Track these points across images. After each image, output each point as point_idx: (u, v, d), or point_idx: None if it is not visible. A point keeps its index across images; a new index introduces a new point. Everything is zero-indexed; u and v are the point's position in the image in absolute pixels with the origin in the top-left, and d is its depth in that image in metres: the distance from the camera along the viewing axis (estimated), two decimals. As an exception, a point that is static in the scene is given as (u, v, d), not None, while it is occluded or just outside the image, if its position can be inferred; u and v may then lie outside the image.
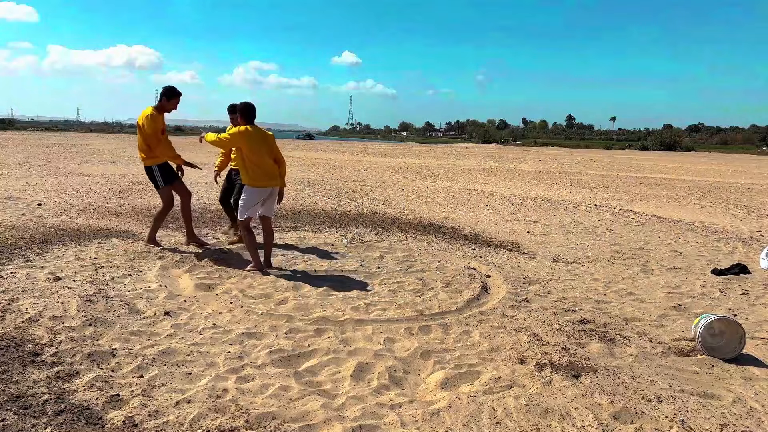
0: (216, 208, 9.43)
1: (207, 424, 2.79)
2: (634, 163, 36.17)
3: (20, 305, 4.25)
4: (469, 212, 10.93)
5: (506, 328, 4.32)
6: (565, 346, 3.99)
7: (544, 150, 64.78)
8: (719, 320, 4.05)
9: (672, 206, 12.97)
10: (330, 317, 4.40)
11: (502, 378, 3.45)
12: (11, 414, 2.77)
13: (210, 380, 3.27)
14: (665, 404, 3.18)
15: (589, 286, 5.72)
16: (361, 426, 2.85)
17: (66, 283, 4.87)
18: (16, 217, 8.00)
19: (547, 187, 16.77)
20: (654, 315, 4.86)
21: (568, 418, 3.00)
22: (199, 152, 24.12)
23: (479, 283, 5.55)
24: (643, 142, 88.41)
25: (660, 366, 3.75)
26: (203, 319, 4.27)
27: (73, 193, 10.98)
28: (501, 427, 2.90)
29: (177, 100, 6.23)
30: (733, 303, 5.31)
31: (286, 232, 7.92)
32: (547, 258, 7.00)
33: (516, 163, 30.63)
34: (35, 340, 3.65)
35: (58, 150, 25.77)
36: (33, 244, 6.28)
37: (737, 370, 3.72)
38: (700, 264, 6.96)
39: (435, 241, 7.79)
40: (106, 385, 3.12)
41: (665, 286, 5.87)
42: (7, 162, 17.75)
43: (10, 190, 10.85)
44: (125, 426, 2.74)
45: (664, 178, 22.71)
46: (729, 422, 3.03)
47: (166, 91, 6.23)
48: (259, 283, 5.30)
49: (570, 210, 11.73)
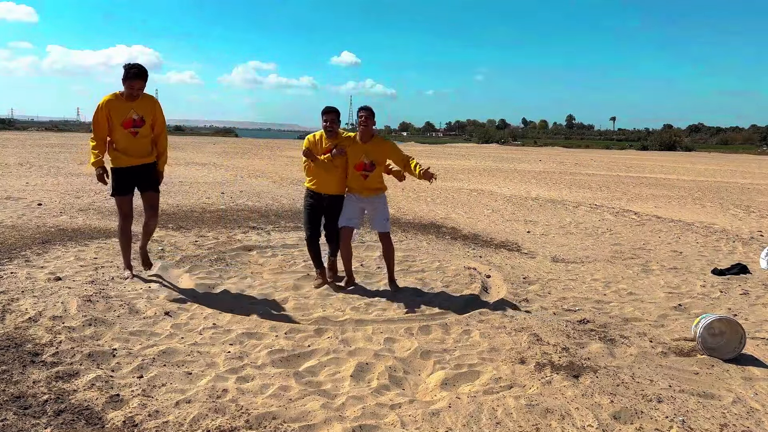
0: (215, 209, 9.42)
1: (207, 424, 2.79)
2: (635, 163, 36.17)
3: (20, 305, 4.25)
4: (469, 212, 10.93)
5: (506, 328, 4.32)
6: (565, 346, 3.99)
7: (544, 150, 64.79)
8: (719, 320, 4.05)
9: (672, 206, 12.97)
10: (330, 317, 4.41)
11: (502, 378, 3.45)
12: (11, 414, 2.76)
13: (210, 380, 3.27)
14: (665, 404, 3.18)
15: (589, 286, 5.72)
16: (361, 426, 2.85)
17: (66, 283, 4.87)
18: (16, 217, 8.00)
19: (547, 187, 16.77)
20: (654, 315, 4.86)
21: (568, 418, 3.00)
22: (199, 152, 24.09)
23: (479, 283, 5.55)
24: (643, 142, 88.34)
25: (660, 366, 3.75)
26: (203, 319, 4.26)
27: (73, 193, 10.98)
28: (501, 427, 2.90)
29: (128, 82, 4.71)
30: (733, 303, 5.31)
31: (287, 232, 7.92)
32: (547, 258, 7.00)
33: (516, 163, 30.63)
34: (35, 340, 3.65)
35: (58, 150, 25.77)
36: (33, 244, 6.27)
37: (737, 370, 3.72)
38: (700, 264, 6.96)
39: (435, 241, 7.79)
40: (106, 385, 3.12)
41: (665, 286, 5.87)
42: (7, 162, 17.74)
43: (10, 190, 10.85)
44: (125, 426, 2.74)
45: (664, 178, 22.71)
46: (729, 422, 3.03)
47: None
48: (259, 284, 5.30)
49: (570, 210, 11.73)
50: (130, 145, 4.90)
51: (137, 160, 4.97)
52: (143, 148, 5.00)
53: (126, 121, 4.82)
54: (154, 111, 4.97)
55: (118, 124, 4.81)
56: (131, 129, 4.85)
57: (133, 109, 4.81)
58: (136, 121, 4.86)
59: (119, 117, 4.80)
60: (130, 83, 4.71)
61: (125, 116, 4.80)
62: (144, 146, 5.00)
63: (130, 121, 4.84)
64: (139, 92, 4.79)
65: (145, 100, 4.89)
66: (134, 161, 4.96)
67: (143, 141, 4.97)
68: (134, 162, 4.96)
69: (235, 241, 7.06)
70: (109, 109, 4.77)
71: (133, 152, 4.93)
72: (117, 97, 4.81)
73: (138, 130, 4.88)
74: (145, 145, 5.01)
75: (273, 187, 13.84)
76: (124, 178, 4.97)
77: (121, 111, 4.79)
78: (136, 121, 4.86)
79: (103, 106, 4.78)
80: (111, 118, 4.79)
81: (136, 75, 4.70)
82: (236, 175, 16.18)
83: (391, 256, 5.26)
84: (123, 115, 4.79)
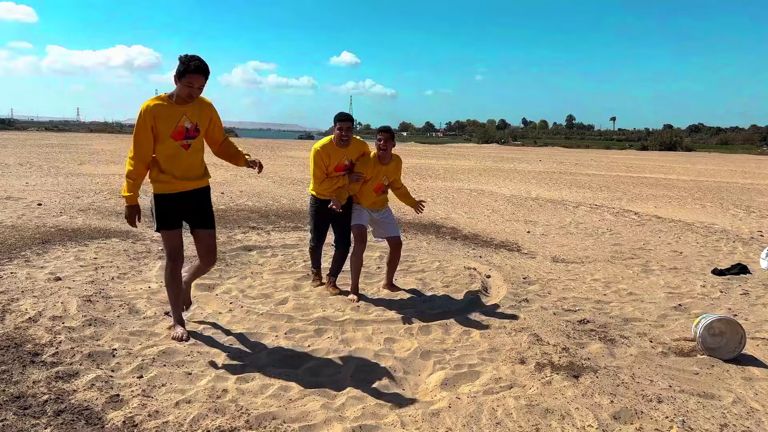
0: (214, 209, 9.38)
1: (207, 425, 2.79)
2: (635, 163, 36.18)
3: (20, 305, 4.25)
4: (469, 212, 10.93)
5: (506, 328, 4.32)
6: (565, 346, 3.99)
7: (545, 150, 64.79)
8: (719, 320, 4.05)
9: (672, 206, 12.96)
10: (330, 317, 4.40)
11: (502, 378, 3.45)
12: (11, 414, 2.76)
13: (210, 380, 3.27)
14: (665, 404, 3.18)
15: (589, 286, 5.72)
16: (361, 426, 2.85)
17: (66, 283, 4.87)
18: (16, 217, 8.00)
19: (547, 187, 16.77)
20: (654, 315, 4.86)
21: (568, 418, 3.00)
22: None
23: (479, 283, 5.55)
24: (644, 142, 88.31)
25: (660, 366, 3.75)
26: (203, 319, 4.26)
27: (73, 193, 10.99)
28: (501, 427, 2.90)
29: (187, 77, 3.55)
30: (734, 303, 5.31)
31: (287, 232, 7.92)
32: (547, 258, 7.00)
33: (516, 163, 30.63)
34: (35, 340, 3.65)
35: (58, 150, 25.78)
36: (33, 244, 6.28)
37: (737, 371, 3.71)
38: (701, 264, 6.96)
39: (435, 241, 7.79)
40: (106, 386, 3.12)
41: (665, 286, 5.87)
42: (7, 162, 17.75)
43: (10, 190, 10.85)
44: (125, 426, 2.74)
45: (664, 178, 22.71)
46: (729, 422, 3.03)
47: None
48: (259, 284, 5.30)
49: (570, 210, 11.73)
50: (181, 162, 3.69)
51: (190, 184, 3.77)
52: (197, 168, 3.81)
53: (177, 130, 3.61)
54: (211, 115, 3.80)
55: (167, 134, 3.59)
56: (183, 141, 3.65)
57: (185, 115, 3.62)
58: (189, 130, 3.65)
59: (168, 126, 3.59)
60: (190, 79, 3.51)
61: (176, 124, 3.60)
62: (197, 164, 3.81)
63: (181, 131, 3.62)
64: (199, 92, 3.63)
65: (197, 104, 3.70)
66: (186, 185, 3.75)
67: (196, 157, 3.78)
68: (186, 186, 3.75)
69: (235, 241, 7.06)
70: (155, 116, 3.56)
71: (184, 172, 3.72)
72: (163, 100, 3.61)
73: (191, 143, 3.69)
74: (199, 163, 3.83)
75: (273, 187, 13.85)
76: (171, 207, 3.74)
77: (171, 118, 3.59)
78: (189, 130, 3.65)
79: (147, 114, 3.55)
80: (157, 128, 3.58)
81: (198, 69, 3.51)
82: (236, 175, 16.18)
83: (396, 263, 5.28)
84: (173, 122, 3.59)
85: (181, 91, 3.57)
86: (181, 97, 3.59)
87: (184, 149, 3.67)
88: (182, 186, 3.74)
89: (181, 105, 3.62)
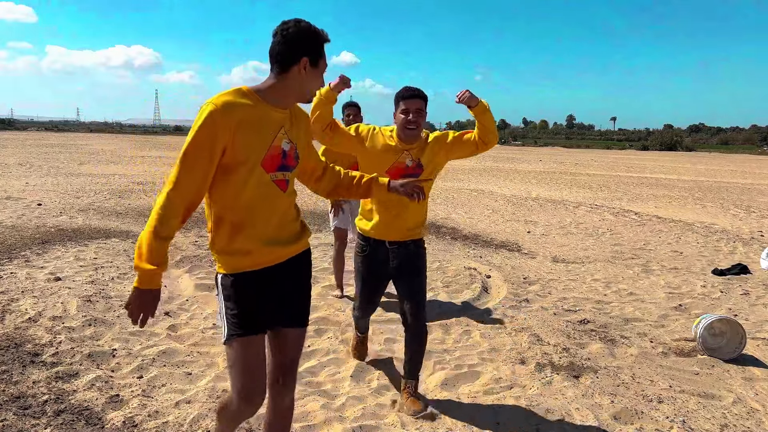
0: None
1: (207, 425, 2.79)
2: (635, 163, 36.18)
3: (20, 305, 4.25)
4: (469, 212, 10.92)
5: (506, 329, 4.32)
6: (565, 346, 3.99)
7: (545, 150, 64.78)
8: (720, 320, 4.05)
9: (672, 206, 12.96)
10: (330, 317, 4.40)
11: (502, 378, 3.45)
12: (11, 414, 2.76)
13: (210, 380, 3.27)
14: (666, 404, 3.18)
15: (589, 287, 5.71)
16: (361, 426, 2.85)
17: (66, 283, 4.87)
18: (16, 217, 8.00)
19: (547, 187, 16.77)
20: (654, 315, 4.85)
21: (569, 418, 3.00)
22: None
23: (479, 284, 5.54)
24: (644, 142, 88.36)
25: (660, 366, 3.75)
26: (203, 320, 4.26)
27: (73, 193, 10.99)
28: (501, 427, 2.89)
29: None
30: (734, 303, 5.31)
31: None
32: (548, 258, 7.00)
33: (516, 163, 30.63)
34: (35, 341, 3.65)
35: (57, 150, 25.79)
36: (33, 244, 6.28)
37: (738, 371, 3.71)
38: (701, 264, 6.95)
39: (435, 241, 7.78)
40: (106, 386, 3.12)
41: (666, 286, 5.87)
42: (7, 162, 17.75)
43: (10, 190, 10.86)
44: (125, 426, 2.74)
45: (664, 178, 22.71)
46: (729, 423, 3.03)
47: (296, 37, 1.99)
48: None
49: (570, 210, 11.73)
50: (274, 212, 2.07)
51: (284, 250, 2.12)
52: (292, 221, 2.19)
53: (273, 152, 2.01)
54: (308, 128, 2.26)
55: (256, 160, 1.96)
56: (277, 173, 2.04)
57: (283, 128, 2.03)
58: (287, 155, 2.06)
59: (261, 142, 1.97)
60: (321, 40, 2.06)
61: (271, 140, 1.99)
62: (292, 215, 2.19)
63: (277, 156, 2.02)
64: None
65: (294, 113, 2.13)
66: (280, 253, 2.10)
67: (290, 201, 2.15)
68: (280, 255, 2.11)
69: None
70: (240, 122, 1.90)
71: (276, 231, 2.09)
72: (247, 95, 1.96)
73: (288, 176, 2.10)
74: (293, 213, 2.21)
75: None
76: (255, 294, 2.08)
77: (265, 128, 1.98)
78: (289, 155, 2.07)
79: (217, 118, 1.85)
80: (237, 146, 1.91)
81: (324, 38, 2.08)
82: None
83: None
84: (267, 138, 1.98)
85: (312, 86, 2.08)
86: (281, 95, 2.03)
87: (281, 189, 2.06)
88: (274, 255, 2.09)
89: (274, 107, 2.01)
